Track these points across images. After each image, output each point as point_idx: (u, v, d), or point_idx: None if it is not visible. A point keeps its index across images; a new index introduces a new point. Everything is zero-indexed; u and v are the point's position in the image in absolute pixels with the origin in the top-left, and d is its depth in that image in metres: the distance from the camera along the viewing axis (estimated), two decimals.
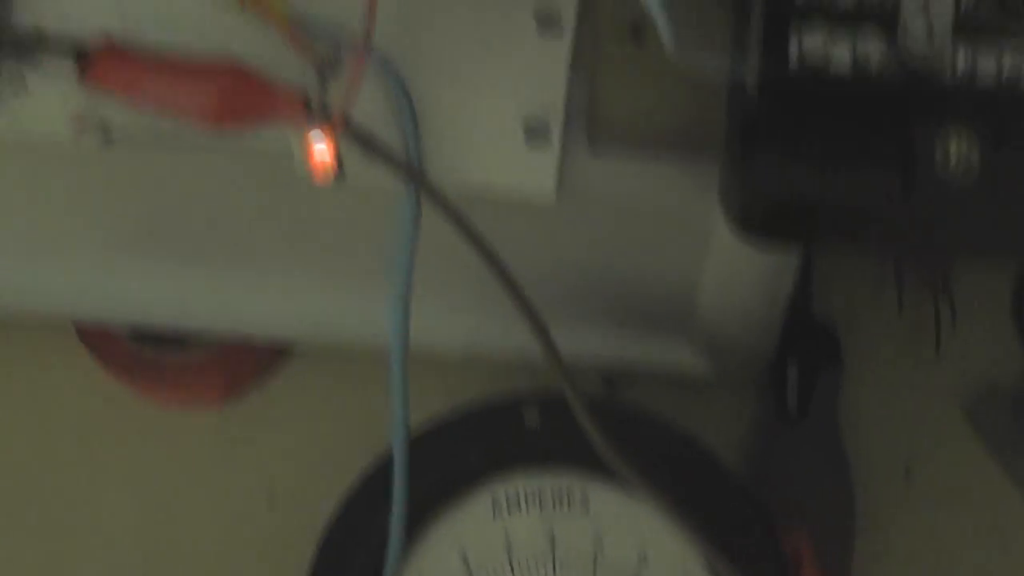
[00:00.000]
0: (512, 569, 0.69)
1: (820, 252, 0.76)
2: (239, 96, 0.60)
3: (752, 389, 0.80)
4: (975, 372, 0.80)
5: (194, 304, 0.77)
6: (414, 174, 0.60)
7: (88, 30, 0.62)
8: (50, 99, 0.62)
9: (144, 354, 0.80)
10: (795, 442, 0.78)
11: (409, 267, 0.62)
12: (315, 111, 0.59)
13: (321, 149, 0.57)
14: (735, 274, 0.69)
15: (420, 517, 0.69)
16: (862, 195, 0.55)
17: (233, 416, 0.81)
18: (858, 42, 0.55)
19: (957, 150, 0.54)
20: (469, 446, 0.71)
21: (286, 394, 0.82)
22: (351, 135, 0.60)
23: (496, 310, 0.64)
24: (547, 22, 0.63)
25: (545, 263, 0.70)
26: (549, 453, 0.70)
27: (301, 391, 0.82)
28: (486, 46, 0.62)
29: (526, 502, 0.70)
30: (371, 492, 0.71)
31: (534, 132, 0.62)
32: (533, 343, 0.63)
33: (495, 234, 0.62)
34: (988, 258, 0.58)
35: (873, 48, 0.54)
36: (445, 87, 0.62)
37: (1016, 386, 0.79)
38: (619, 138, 0.61)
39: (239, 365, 0.80)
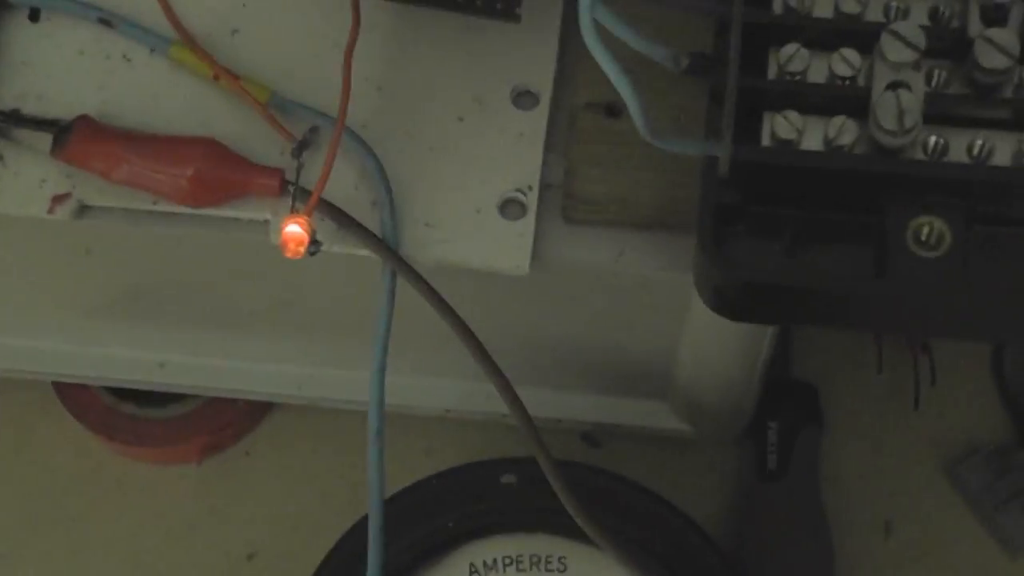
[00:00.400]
0: None
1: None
2: (216, 175, 0.60)
3: (732, 446, 0.80)
4: (955, 429, 0.80)
5: (173, 365, 0.77)
6: (389, 253, 0.60)
7: (66, 108, 0.62)
8: (27, 175, 0.62)
9: (122, 411, 0.80)
10: (775, 500, 0.78)
11: (385, 339, 0.62)
12: (291, 189, 0.59)
13: (294, 230, 0.57)
14: (713, 341, 0.69)
15: None
16: (835, 278, 0.55)
17: (212, 473, 0.81)
18: (830, 125, 0.55)
19: (929, 230, 0.54)
20: (447, 510, 0.71)
21: (266, 450, 0.82)
22: (327, 214, 0.60)
23: (475, 372, 0.64)
24: (523, 96, 0.63)
25: (523, 330, 0.70)
26: (526, 516, 0.70)
27: (281, 447, 0.82)
28: (462, 120, 0.63)
29: (504, 564, 0.70)
30: (349, 555, 0.71)
31: (509, 205, 0.62)
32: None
33: (474, 303, 0.63)
34: (962, 337, 0.58)
35: (845, 130, 0.54)
36: (422, 162, 0.62)
37: (995, 443, 0.79)
38: (595, 214, 0.61)
39: (218, 422, 0.80)
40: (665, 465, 0.79)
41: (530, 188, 0.62)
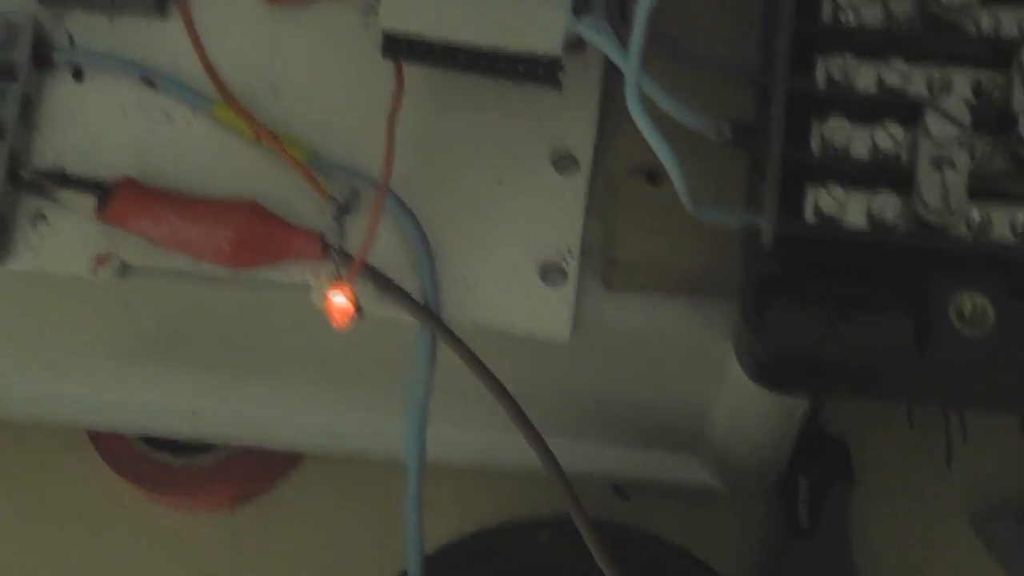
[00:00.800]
0: None
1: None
2: (256, 238, 0.60)
3: (763, 500, 0.80)
4: (985, 485, 0.80)
5: (207, 415, 0.77)
6: (430, 318, 0.60)
7: (109, 167, 0.63)
8: (70, 235, 0.62)
9: (156, 459, 0.80)
10: (806, 554, 0.78)
11: (424, 402, 0.62)
12: (333, 254, 0.59)
13: (340, 301, 0.57)
14: (750, 401, 0.69)
15: None
16: (877, 352, 0.55)
17: (244, 521, 0.81)
18: (873, 200, 0.55)
19: (972, 307, 0.54)
20: (483, 569, 0.71)
21: (297, 499, 0.82)
22: (368, 278, 0.60)
23: (508, 424, 0.64)
24: (564, 161, 0.63)
25: (558, 385, 0.70)
26: (561, 574, 0.71)
27: (312, 496, 0.82)
28: (503, 184, 0.63)
29: None
30: None
31: (550, 271, 0.62)
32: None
33: (509, 361, 0.62)
34: (1003, 410, 0.58)
35: (888, 205, 0.55)
36: (461, 226, 0.62)
37: None
38: (635, 280, 0.61)
39: (250, 471, 0.81)
40: (694, 519, 0.79)
41: (571, 253, 0.62)
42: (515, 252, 0.62)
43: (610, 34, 0.57)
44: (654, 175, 0.62)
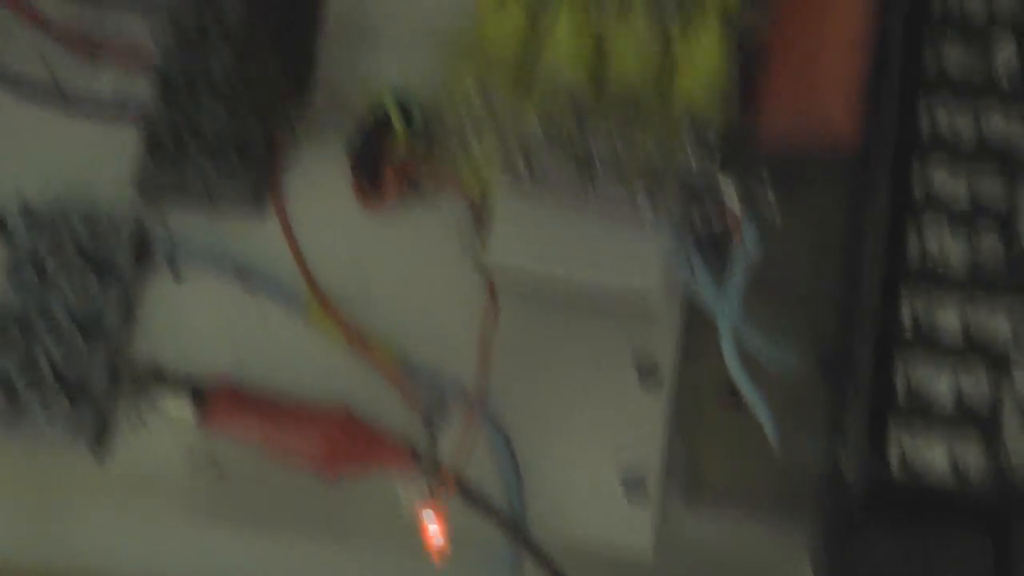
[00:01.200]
0: None
1: None
2: (348, 445, 0.62)
3: None
4: None
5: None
6: (517, 535, 0.61)
7: (205, 366, 0.64)
8: (166, 435, 0.64)
9: None
10: None
11: None
12: (425, 474, 0.61)
13: (436, 538, 0.59)
14: None
15: None
16: None
17: None
18: (957, 446, 0.56)
19: None
20: None
21: None
22: (456, 491, 0.62)
23: None
24: (648, 373, 0.64)
25: None
26: None
27: None
28: (587, 396, 0.64)
29: None
30: None
31: (633, 487, 0.63)
32: None
33: (589, 568, 0.64)
34: None
35: (972, 456, 0.56)
36: (546, 438, 0.63)
37: None
38: (718, 500, 0.63)
39: None
40: None
41: (653, 471, 0.63)
42: (599, 467, 0.63)
43: (705, 274, 0.58)
44: (739, 394, 0.63)
